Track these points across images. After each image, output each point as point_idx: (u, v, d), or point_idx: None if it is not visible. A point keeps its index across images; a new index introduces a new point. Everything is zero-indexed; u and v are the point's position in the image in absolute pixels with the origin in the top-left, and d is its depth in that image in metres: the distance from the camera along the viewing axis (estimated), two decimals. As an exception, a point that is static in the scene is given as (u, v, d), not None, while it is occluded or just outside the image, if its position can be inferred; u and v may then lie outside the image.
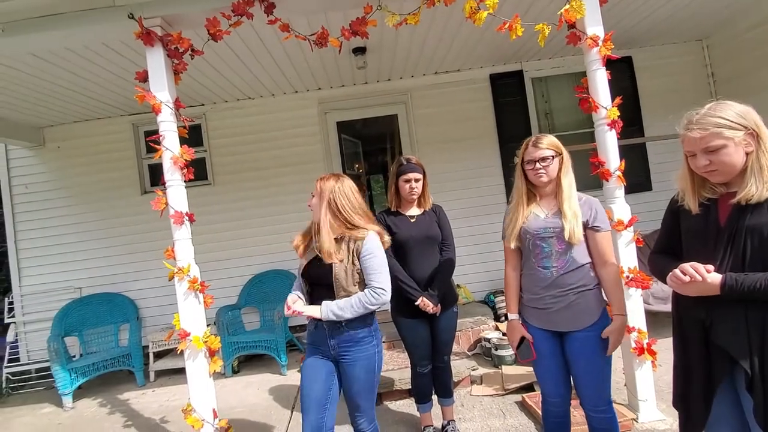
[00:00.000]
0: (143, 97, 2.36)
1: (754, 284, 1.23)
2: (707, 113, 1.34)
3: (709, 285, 1.27)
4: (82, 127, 4.79)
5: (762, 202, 1.26)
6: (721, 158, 1.31)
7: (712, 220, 1.34)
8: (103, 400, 3.87)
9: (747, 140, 1.29)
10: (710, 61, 4.91)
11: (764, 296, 1.22)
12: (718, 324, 1.33)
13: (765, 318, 1.25)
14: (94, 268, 4.72)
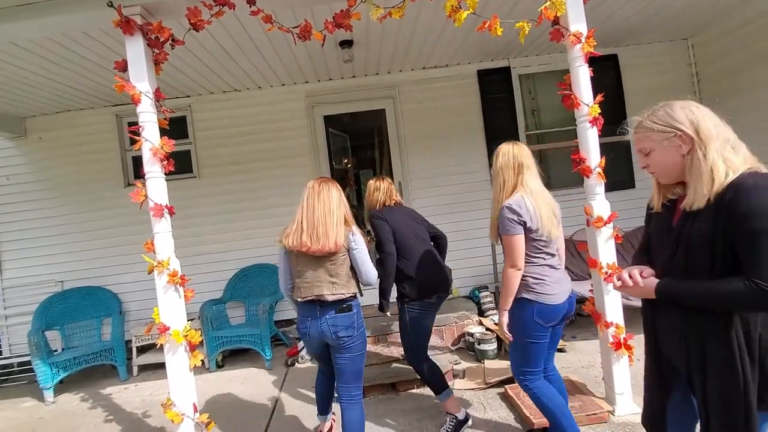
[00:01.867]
0: (122, 87, 2.32)
1: (680, 291, 1.23)
2: (646, 116, 1.33)
3: (645, 289, 1.29)
4: (65, 117, 4.70)
5: (702, 210, 1.19)
6: (654, 160, 1.30)
7: (667, 222, 1.33)
8: (85, 395, 3.83)
9: (677, 143, 1.24)
10: (695, 60, 4.98)
11: (688, 303, 1.22)
12: (661, 331, 1.35)
13: (695, 327, 1.23)
14: (77, 261, 4.65)
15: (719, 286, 1.15)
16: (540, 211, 1.93)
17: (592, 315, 2.56)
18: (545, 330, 1.96)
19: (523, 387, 2.05)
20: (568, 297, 1.99)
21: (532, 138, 4.95)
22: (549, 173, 5.06)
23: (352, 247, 2.10)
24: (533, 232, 1.93)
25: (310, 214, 2.14)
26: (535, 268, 1.95)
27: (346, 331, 2.06)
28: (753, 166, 1.21)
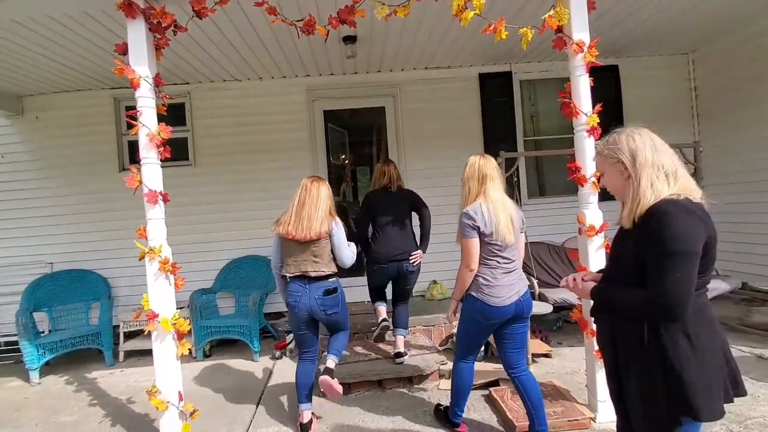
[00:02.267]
0: (122, 71, 2.30)
1: (605, 297, 1.40)
2: (603, 141, 1.46)
3: (584, 291, 1.46)
4: (62, 98, 4.65)
5: (631, 229, 1.30)
6: (606, 181, 1.46)
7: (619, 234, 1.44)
8: (71, 378, 3.81)
9: (620, 168, 1.36)
10: (694, 76, 5.02)
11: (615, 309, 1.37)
12: (599, 336, 1.49)
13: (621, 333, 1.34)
14: (67, 243, 4.62)
15: (628, 295, 1.31)
16: (497, 219, 2.11)
17: (578, 322, 2.59)
18: (485, 326, 2.21)
19: (453, 363, 2.41)
20: (516, 300, 2.15)
21: (529, 144, 4.97)
22: (544, 180, 5.12)
23: (332, 234, 2.53)
24: (487, 236, 2.11)
25: (300, 207, 2.56)
26: (487, 270, 2.15)
27: (333, 309, 2.57)
28: (683, 193, 1.28)
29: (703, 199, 1.30)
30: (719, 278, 3.74)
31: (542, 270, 4.14)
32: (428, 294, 4.65)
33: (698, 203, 1.29)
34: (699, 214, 1.26)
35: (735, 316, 3.93)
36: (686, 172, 1.34)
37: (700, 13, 3.86)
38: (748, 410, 2.47)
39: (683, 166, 1.35)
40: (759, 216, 4.38)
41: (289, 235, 2.47)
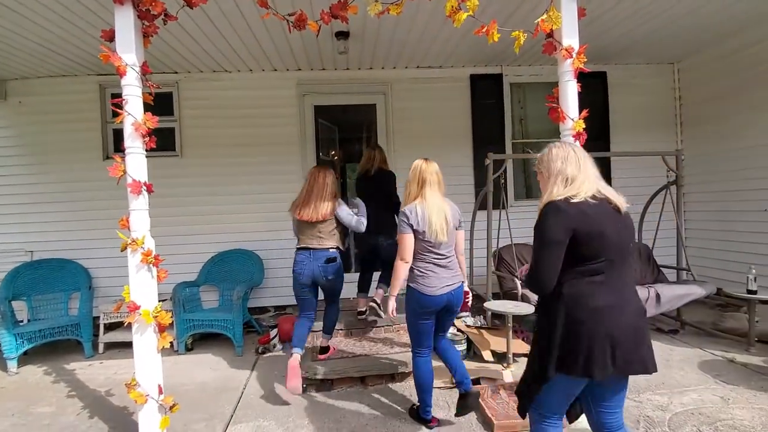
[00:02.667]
0: (108, 58, 2.25)
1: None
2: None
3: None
4: (47, 83, 4.54)
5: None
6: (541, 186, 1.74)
7: None
8: (49, 368, 3.74)
9: (541, 175, 1.71)
10: (679, 85, 5.13)
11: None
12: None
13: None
14: (48, 232, 4.53)
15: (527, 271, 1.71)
16: (430, 219, 2.34)
17: (559, 323, 2.63)
18: (424, 314, 2.41)
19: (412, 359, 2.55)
20: (448, 292, 2.39)
21: (517, 147, 5.03)
22: (531, 182, 5.18)
23: (336, 214, 3.03)
24: (420, 234, 2.35)
25: (308, 194, 3.04)
26: (421, 263, 2.39)
27: (334, 275, 3.07)
28: (572, 194, 1.55)
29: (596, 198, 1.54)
30: (696, 283, 3.84)
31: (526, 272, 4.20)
32: (414, 292, 4.67)
33: (578, 202, 1.53)
34: (571, 212, 1.51)
35: (709, 321, 4.05)
36: (588, 176, 1.58)
37: (686, 25, 3.95)
38: (719, 413, 2.55)
39: (588, 173, 1.59)
40: (736, 224, 4.51)
41: (299, 216, 3.00)
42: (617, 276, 1.55)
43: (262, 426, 2.62)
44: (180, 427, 2.61)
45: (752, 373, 3.04)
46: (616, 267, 1.54)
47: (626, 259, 1.59)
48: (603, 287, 1.52)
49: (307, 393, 3.03)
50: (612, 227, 1.52)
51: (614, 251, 1.52)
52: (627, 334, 1.50)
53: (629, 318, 1.52)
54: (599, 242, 1.50)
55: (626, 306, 1.54)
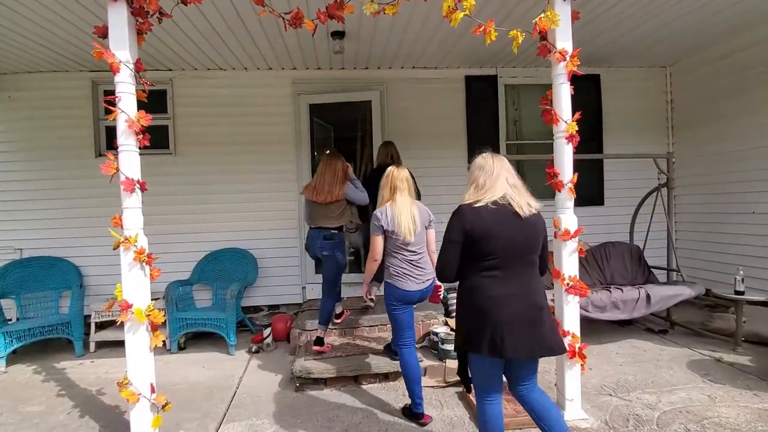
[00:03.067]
0: (101, 54, 2.23)
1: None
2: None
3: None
4: (38, 78, 4.49)
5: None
6: None
7: None
8: (39, 367, 3.70)
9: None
10: (671, 89, 5.20)
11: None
12: None
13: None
14: (39, 229, 4.48)
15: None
16: (399, 220, 2.53)
17: (551, 323, 2.66)
18: (401, 307, 2.62)
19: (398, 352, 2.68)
20: (422, 288, 2.62)
21: (511, 148, 5.06)
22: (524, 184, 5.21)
23: (346, 194, 3.37)
24: (391, 233, 2.56)
25: (321, 178, 3.36)
26: (394, 260, 2.61)
27: (325, 250, 3.38)
28: (478, 199, 1.81)
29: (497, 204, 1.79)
30: (685, 284, 3.90)
31: (519, 271, 4.23)
32: (407, 292, 4.68)
33: (477, 207, 1.79)
34: (468, 216, 1.78)
35: (698, 321, 4.11)
36: (496, 185, 1.82)
37: (678, 28, 4.00)
38: (705, 410, 2.59)
39: (498, 182, 1.83)
40: (724, 226, 4.58)
41: (315, 199, 3.34)
42: (513, 272, 1.78)
43: (255, 425, 2.62)
44: (172, 426, 2.60)
45: (738, 372, 3.10)
46: (512, 264, 1.78)
47: (524, 258, 1.81)
48: (497, 281, 1.77)
49: (301, 392, 3.03)
50: (506, 230, 1.76)
51: (507, 251, 1.76)
52: (520, 322, 1.74)
53: (521, 308, 1.75)
54: (492, 242, 1.75)
55: (521, 298, 1.77)
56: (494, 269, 1.77)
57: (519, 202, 1.80)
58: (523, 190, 1.86)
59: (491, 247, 1.75)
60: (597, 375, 3.15)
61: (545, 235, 1.90)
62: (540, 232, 1.86)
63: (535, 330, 1.75)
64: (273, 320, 4.25)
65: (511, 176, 1.88)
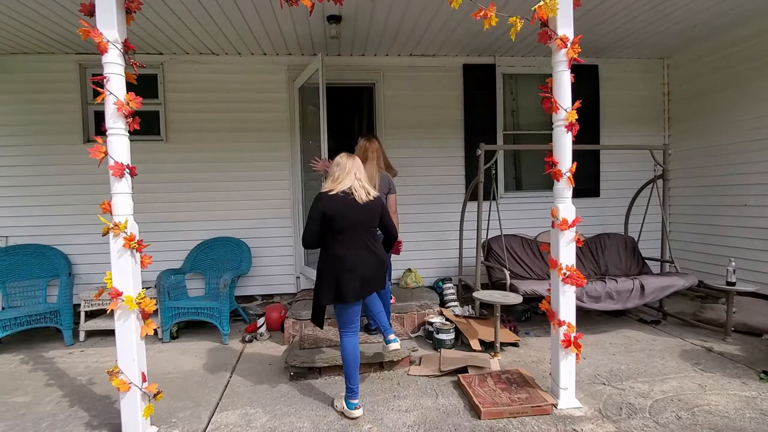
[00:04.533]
0: (88, 33, 2.15)
1: None
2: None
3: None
4: (22, 60, 4.34)
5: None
6: None
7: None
8: (26, 357, 3.63)
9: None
10: (668, 80, 5.19)
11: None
12: None
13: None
14: (25, 216, 4.37)
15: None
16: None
17: (547, 313, 2.66)
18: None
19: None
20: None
21: (509, 138, 5.03)
22: (521, 174, 5.21)
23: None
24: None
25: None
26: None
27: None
28: (332, 188, 2.50)
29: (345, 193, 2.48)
30: (678, 275, 3.93)
31: (514, 262, 4.23)
32: (402, 282, 4.68)
33: (332, 195, 2.48)
34: (325, 201, 2.46)
35: (690, 312, 4.16)
36: (346, 179, 2.51)
37: (677, 19, 3.97)
38: (696, 399, 2.62)
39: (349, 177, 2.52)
40: (718, 218, 4.62)
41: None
42: (355, 240, 2.49)
43: (249, 413, 2.60)
44: (164, 416, 2.57)
45: (728, 362, 3.14)
46: (355, 235, 2.49)
47: (364, 230, 2.52)
48: (344, 246, 2.47)
49: (295, 381, 3.01)
50: (349, 212, 2.46)
51: (351, 226, 2.47)
52: (361, 281, 2.48)
53: (358, 264, 2.47)
54: (340, 221, 2.45)
55: (358, 257, 2.49)
56: (342, 238, 2.47)
57: (360, 193, 2.50)
58: (366, 183, 2.57)
59: (340, 224, 2.45)
60: (591, 364, 3.17)
61: (382, 212, 2.61)
62: (376, 212, 2.57)
63: (372, 285, 2.56)
64: (267, 310, 4.21)
65: (359, 172, 2.57)
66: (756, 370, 2.96)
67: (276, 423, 2.48)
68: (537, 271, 4.23)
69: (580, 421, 2.41)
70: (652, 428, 2.32)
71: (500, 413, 2.46)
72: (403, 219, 4.83)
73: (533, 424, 2.39)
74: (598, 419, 2.43)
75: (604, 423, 2.39)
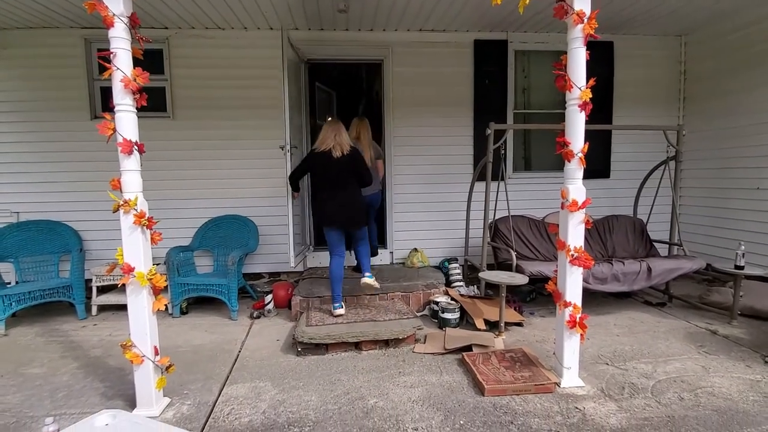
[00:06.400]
0: (93, 6, 2.11)
1: None
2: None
3: None
4: (27, 35, 4.29)
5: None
6: None
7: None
8: (40, 330, 3.73)
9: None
10: (685, 59, 5.03)
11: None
12: None
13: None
14: (36, 192, 4.41)
15: None
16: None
17: (553, 294, 2.67)
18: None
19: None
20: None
21: (519, 117, 4.94)
22: (531, 154, 5.14)
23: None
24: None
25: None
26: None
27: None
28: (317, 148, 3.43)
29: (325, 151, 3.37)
30: (686, 258, 3.91)
31: (521, 243, 4.22)
32: (408, 261, 4.70)
33: (316, 152, 3.41)
34: (309, 157, 3.50)
35: (696, 295, 4.15)
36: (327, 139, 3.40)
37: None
38: (699, 380, 2.64)
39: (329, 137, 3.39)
40: (728, 201, 4.55)
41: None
42: (333, 186, 3.38)
43: (258, 386, 2.67)
44: (177, 388, 2.64)
45: (733, 345, 3.15)
46: (333, 182, 3.37)
47: (341, 179, 3.37)
48: (326, 190, 3.41)
49: (302, 356, 3.08)
50: (328, 165, 3.35)
51: (329, 176, 3.37)
52: (338, 210, 3.40)
53: (338, 203, 3.39)
54: (320, 171, 3.43)
55: (338, 199, 3.38)
56: (325, 186, 3.42)
57: (335, 151, 3.35)
58: (343, 141, 3.38)
59: (320, 174, 3.44)
60: (594, 345, 3.20)
61: (355, 164, 3.40)
62: (349, 164, 3.38)
63: (347, 213, 3.42)
64: (274, 287, 4.27)
65: (338, 135, 3.39)
66: (761, 354, 2.97)
67: (284, 396, 2.54)
68: (543, 252, 4.23)
69: (583, 400, 2.45)
70: (654, 408, 2.36)
71: (503, 390, 2.51)
72: (410, 198, 4.83)
73: (536, 402, 2.43)
74: (601, 398, 2.47)
75: (606, 401, 2.42)
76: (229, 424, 2.28)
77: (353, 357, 3.07)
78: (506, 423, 2.23)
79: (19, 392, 2.65)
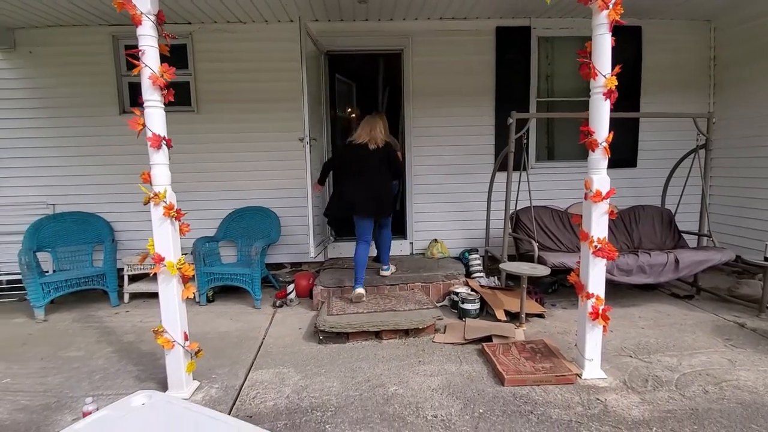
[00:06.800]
0: (122, 5, 2.18)
1: None
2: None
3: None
4: (57, 33, 4.44)
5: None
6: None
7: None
8: (76, 316, 3.93)
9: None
10: (714, 44, 4.81)
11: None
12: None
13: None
14: (69, 185, 4.61)
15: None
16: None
17: (575, 285, 2.64)
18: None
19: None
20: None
21: (542, 105, 4.84)
22: (554, 144, 5.04)
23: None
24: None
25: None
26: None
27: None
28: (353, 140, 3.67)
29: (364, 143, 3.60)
30: (715, 249, 3.79)
31: (543, 234, 4.17)
32: (428, 252, 4.72)
33: (353, 144, 3.65)
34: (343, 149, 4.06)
35: (725, 287, 4.03)
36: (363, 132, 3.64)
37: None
38: (725, 374, 2.59)
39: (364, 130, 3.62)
40: (758, 191, 4.37)
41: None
42: (360, 177, 3.57)
43: (282, 372, 2.76)
44: (205, 372, 2.76)
45: (761, 338, 3.06)
46: (360, 173, 3.57)
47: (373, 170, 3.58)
48: (351, 180, 3.61)
49: (324, 344, 3.15)
50: (359, 157, 3.58)
51: (363, 167, 3.56)
52: (362, 200, 3.56)
53: (367, 194, 3.56)
54: (356, 162, 3.60)
55: (362, 190, 3.55)
56: (351, 175, 3.62)
57: (369, 144, 3.57)
58: (378, 135, 3.60)
59: (349, 165, 3.66)
60: (618, 337, 3.16)
61: (389, 157, 3.64)
62: (383, 156, 3.60)
63: (378, 203, 3.60)
64: (296, 277, 4.36)
65: (373, 129, 3.60)
66: (792, 348, 2.88)
67: (307, 382, 2.62)
68: (566, 243, 4.17)
69: (604, 392, 2.44)
70: (677, 401, 2.33)
71: (523, 381, 2.52)
72: (430, 189, 4.82)
73: (556, 393, 2.43)
74: (623, 390, 2.45)
75: (628, 394, 2.41)
76: (255, 407, 2.37)
77: (374, 346, 3.13)
78: (526, 413, 2.25)
79: (59, 374, 2.82)
